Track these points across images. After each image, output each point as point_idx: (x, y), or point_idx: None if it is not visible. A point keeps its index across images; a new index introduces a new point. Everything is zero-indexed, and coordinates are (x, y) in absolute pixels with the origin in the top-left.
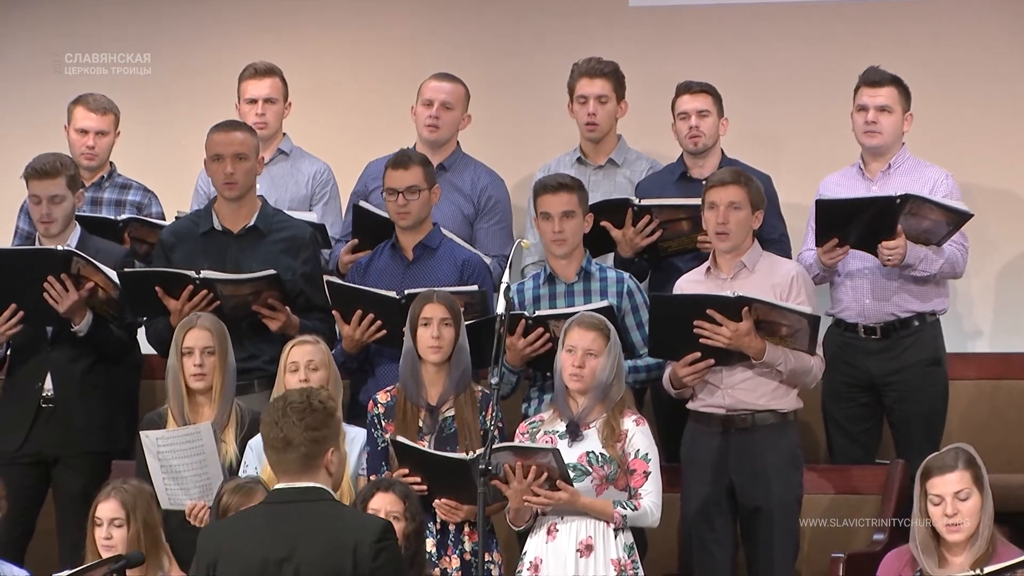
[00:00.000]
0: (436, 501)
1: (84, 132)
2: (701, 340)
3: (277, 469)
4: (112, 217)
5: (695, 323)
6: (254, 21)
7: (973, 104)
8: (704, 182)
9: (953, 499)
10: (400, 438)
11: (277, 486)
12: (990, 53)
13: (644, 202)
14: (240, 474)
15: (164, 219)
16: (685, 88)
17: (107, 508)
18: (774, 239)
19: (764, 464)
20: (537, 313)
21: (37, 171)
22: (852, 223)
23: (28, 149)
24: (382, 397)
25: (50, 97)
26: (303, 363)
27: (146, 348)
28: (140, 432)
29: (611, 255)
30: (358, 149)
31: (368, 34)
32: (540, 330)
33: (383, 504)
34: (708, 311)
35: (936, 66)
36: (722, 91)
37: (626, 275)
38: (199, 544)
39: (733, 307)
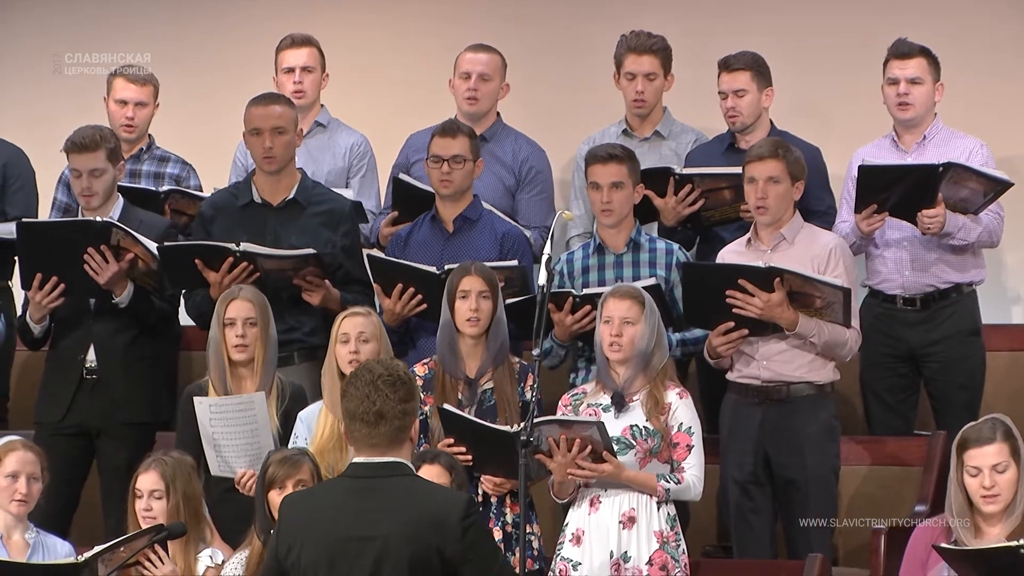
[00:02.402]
0: (483, 478)
1: (123, 103)
2: (734, 310)
3: (364, 443)
4: (154, 189)
5: (727, 293)
6: None
7: (1011, 74)
8: None
9: (991, 471)
10: (447, 406)
11: (357, 460)
12: None
13: (685, 171)
14: (290, 445)
15: (202, 191)
16: (724, 65)
17: (147, 480)
18: (821, 211)
19: (799, 436)
20: (584, 291)
21: (77, 145)
22: (892, 189)
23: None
24: (420, 370)
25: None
26: (354, 335)
27: (183, 319)
28: (193, 399)
29: (655, 224)
30: (398, 122)
31: (408, 4)
32: (587, 308)
33: (429, 476)
34: (740, 281)
35: (981, 35)
36: (771, 62)
37: (676, 246)
38: (279, 515)
39: (765, 278)
